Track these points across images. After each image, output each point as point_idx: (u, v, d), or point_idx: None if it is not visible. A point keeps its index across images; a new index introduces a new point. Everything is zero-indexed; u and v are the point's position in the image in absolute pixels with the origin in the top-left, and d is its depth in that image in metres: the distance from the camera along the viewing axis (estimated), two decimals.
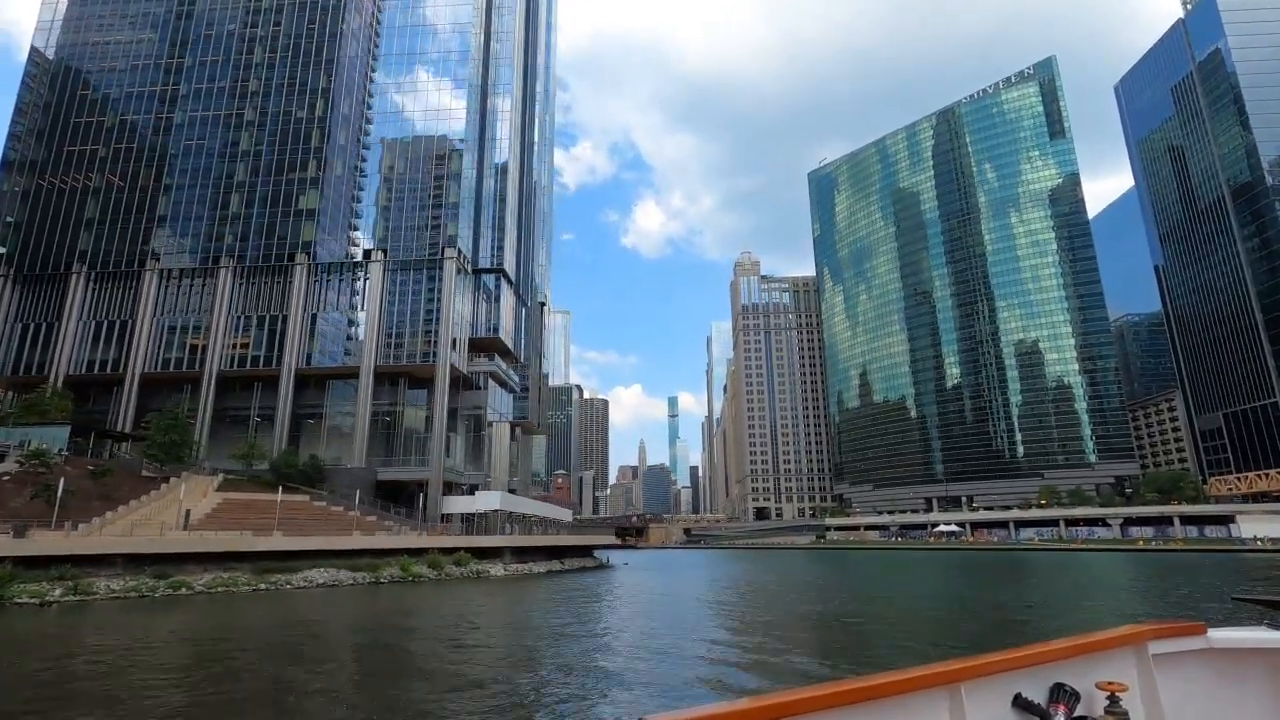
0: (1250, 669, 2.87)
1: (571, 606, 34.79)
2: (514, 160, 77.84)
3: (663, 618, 29.58)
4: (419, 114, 75.22)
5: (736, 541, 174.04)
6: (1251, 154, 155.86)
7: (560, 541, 63.84)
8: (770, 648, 19.98)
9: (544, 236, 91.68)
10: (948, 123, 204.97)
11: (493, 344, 71.84)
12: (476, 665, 17.56)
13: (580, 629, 25.58)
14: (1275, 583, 44.56)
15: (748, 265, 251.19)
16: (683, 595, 41.34)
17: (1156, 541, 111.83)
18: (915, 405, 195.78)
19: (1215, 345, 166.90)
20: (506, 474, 72.50)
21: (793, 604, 35.66)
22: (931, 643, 20.54)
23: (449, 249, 66.62)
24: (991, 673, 2.33)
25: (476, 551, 53.34)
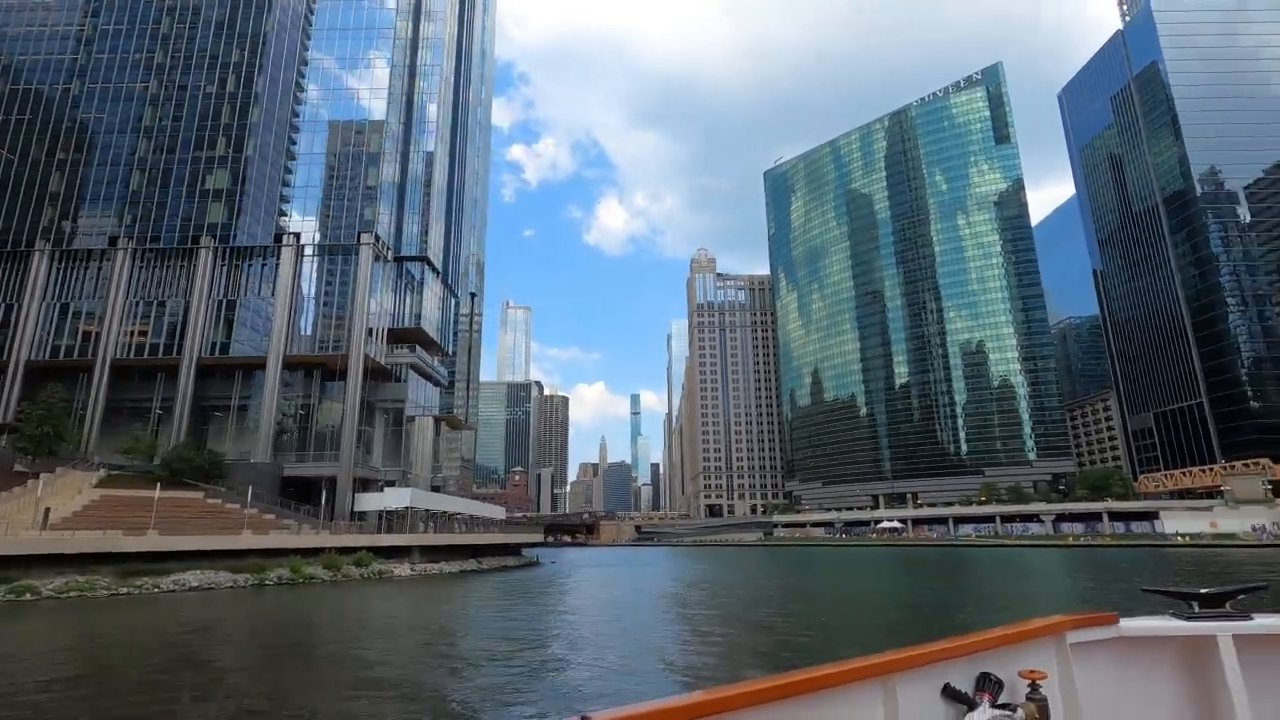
0: (1157, 655, 3.11)
1: (449, 607, 32.93)
2: (443, 145, 75.08)
3: (504, 622, 27.85)
4: (342, 94, 72.00)
5: (685, 539, 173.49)
6: (1183, 164, 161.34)
7: (479, 540, 61.56)
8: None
9: (476, 225, 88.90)
10: (899, 125, 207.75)
11: (415, 335, 69.05)
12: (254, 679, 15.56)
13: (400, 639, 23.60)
14: (1190, 576, 45.57)
15: (704, 263, 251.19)
16: (579, 594, 39.82)
17: (1086, 537, 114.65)
18: (865, 404, 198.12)
19: (1148, 348, 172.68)
20: (429, 470, 69.85)
21: (692, 611, 34.23)
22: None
23: (365, 234, 63.66)
24: (922, 664, 2.42)
25: (381, 550, 50.79)
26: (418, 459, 68.73)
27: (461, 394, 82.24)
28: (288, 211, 69.52)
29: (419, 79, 74.54)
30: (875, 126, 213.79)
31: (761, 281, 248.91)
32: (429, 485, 69.17)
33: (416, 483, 68.05)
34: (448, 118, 78.06)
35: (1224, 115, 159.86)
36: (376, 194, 66.86)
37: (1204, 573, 48.72)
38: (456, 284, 77.75)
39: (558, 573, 61.86)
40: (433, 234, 71.36)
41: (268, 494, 54.46)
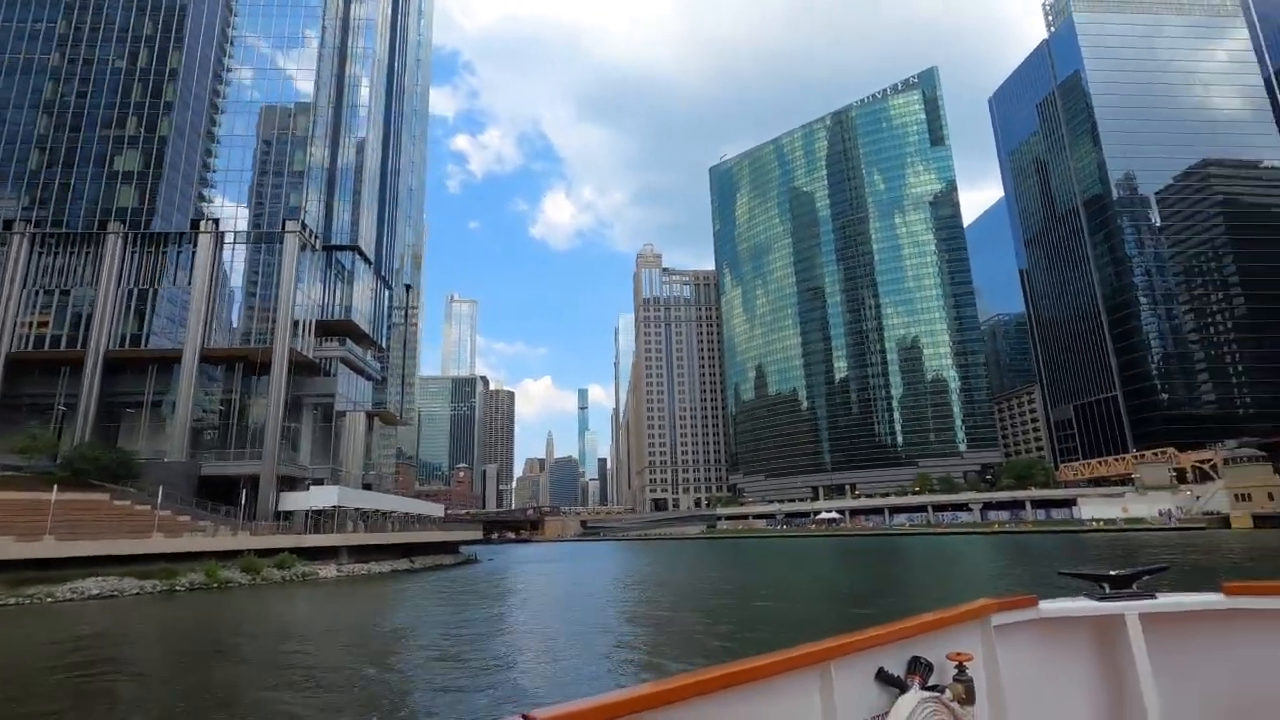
0: (1073, 634, 3.33)
1: (364, 607, 31.76)
2: (375, 131, 72.32)
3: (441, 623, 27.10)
4: (269, 74, 68.52)
5: (630, 533, 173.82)
6: (1102, 170, 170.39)
7: (412, 539, 59.86)
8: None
9: (413, 216, 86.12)
10: (841, 125, 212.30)
11: (345, 327, 66.48)
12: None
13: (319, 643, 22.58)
14: (1102, 559, 47.73)
15: (650, 257, 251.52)
16: (512, 592, 39.14)
17: (1010, 524, 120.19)
18: (806, 397, 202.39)
19: (1069, 343, 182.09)
20: (360, 467, 67.52)
21: (624, 605, 34.00)
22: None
23: (291, 221, 60.79)
24: (857, 650, 2.53)
25: (306, 552, 48.79)
26: (349, 456, 66.33)
27: (396, 389, 79.78)
28: (210, 197, 65.83)
29: (351, 62, 71.62)
30: (817, 126, 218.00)
31: (707, 277, 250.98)
32: (360, 483, 66.86)
33: (347, 480, 65.73)
34: (381, 103, 75.34)
35: (1139, 124, 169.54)
36: (304, 180, 63.91)
37: (1115, 555, 51.57)
38: (391, 275, 75.22)
39: (494, 570, 60.86)
40: (364, 223, 68.75)
41: (183, 495, 51.56)
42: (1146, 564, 3.66)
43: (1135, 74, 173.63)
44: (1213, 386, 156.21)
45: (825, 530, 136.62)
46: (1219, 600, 3.22)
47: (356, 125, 70.62)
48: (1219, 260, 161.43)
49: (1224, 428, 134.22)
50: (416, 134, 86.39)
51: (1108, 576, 3.44)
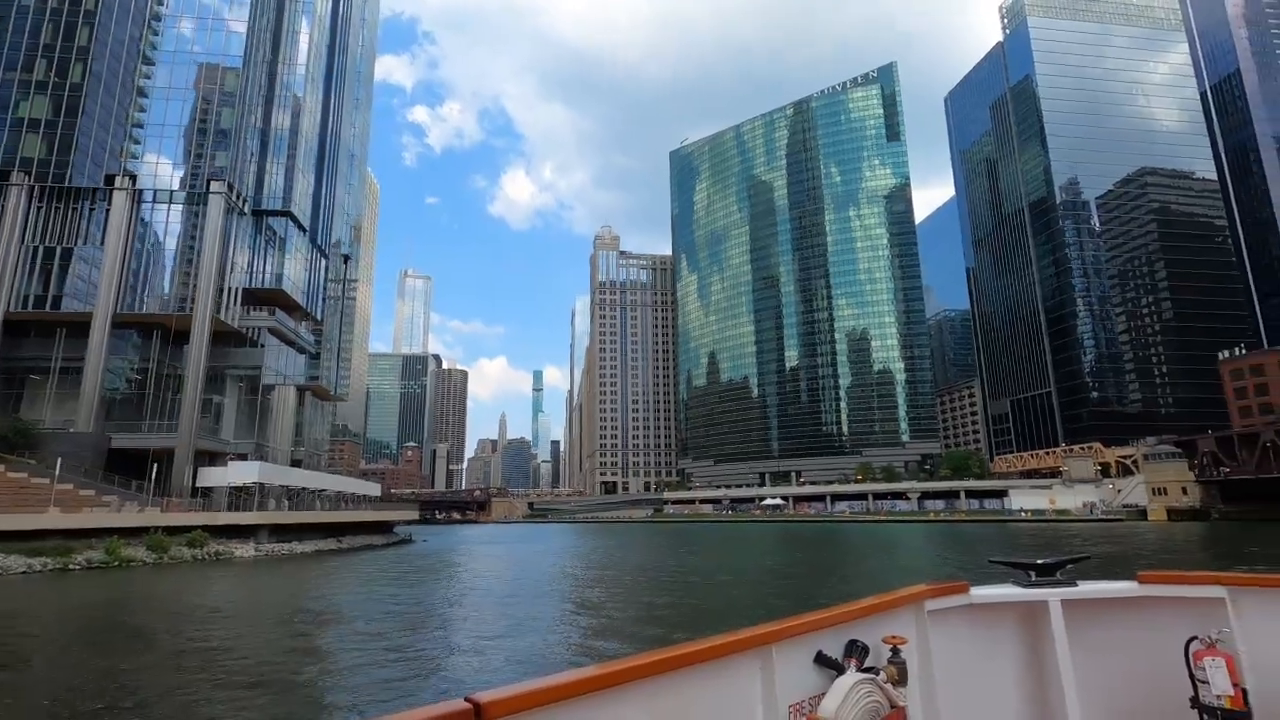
0: (1001, 619, 3.54)
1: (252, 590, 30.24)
2: (314, 92, 68.59)
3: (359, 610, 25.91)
4: (202, 24, 64.25)
5: (577, 515, 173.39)
6: (1047, 174, 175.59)
7: (342, 518, 57.80)
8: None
9: (355, 184, 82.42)
10: (801, 115, 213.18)
11: (276, 296, 63.33)
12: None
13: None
14: (1030, 548, 49.50)
15: (607, 240, 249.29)
16: (446, 573, 38.03)
17: (946, 513, 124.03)
18: (757, 385, 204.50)
19: (1009, 340, 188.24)
20: (289, 443, 64.82)
21: (569, 589, 33.22)
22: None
23: (217, 182, 57.29)
24: (797, 634, 2.62)
25: (221, 530, 46.51)
26: (277, 431, 63.54)
27: (332, 363, 76.78)
28: (137, 153, 61.60)
29: (289, 16, 67.69)
30: (778, 115, 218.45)
31: (664, 262, 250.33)
32: (289, 460, 64.23)
33: (275, 457, 63.05)
34: (322, 63, 71.53)
35: (1085, 131, 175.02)
36: (234, 138, 60.30)
37: (1041, 545, 53.52)
38: (327, 244, 71.95)
39: (429, 552, 59.46)
40: (299, 187, 65.39)
41: (90, 468, 48.53)
42: (1070, 554, 3.95)
43: (1083, 81, 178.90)
44: (1139, 386, 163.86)
45: (769, 516, 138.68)
46: (1133, 588, 3.45)
47: (294, 84, 66.95)
48: (1151, 266, 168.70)
49: (1147, 425, 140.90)
50: (360, 98, 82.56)
51: (1034, 565, 3.59)
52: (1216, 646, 3.03)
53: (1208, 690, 2.96)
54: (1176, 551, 47.87)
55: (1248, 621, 3.19)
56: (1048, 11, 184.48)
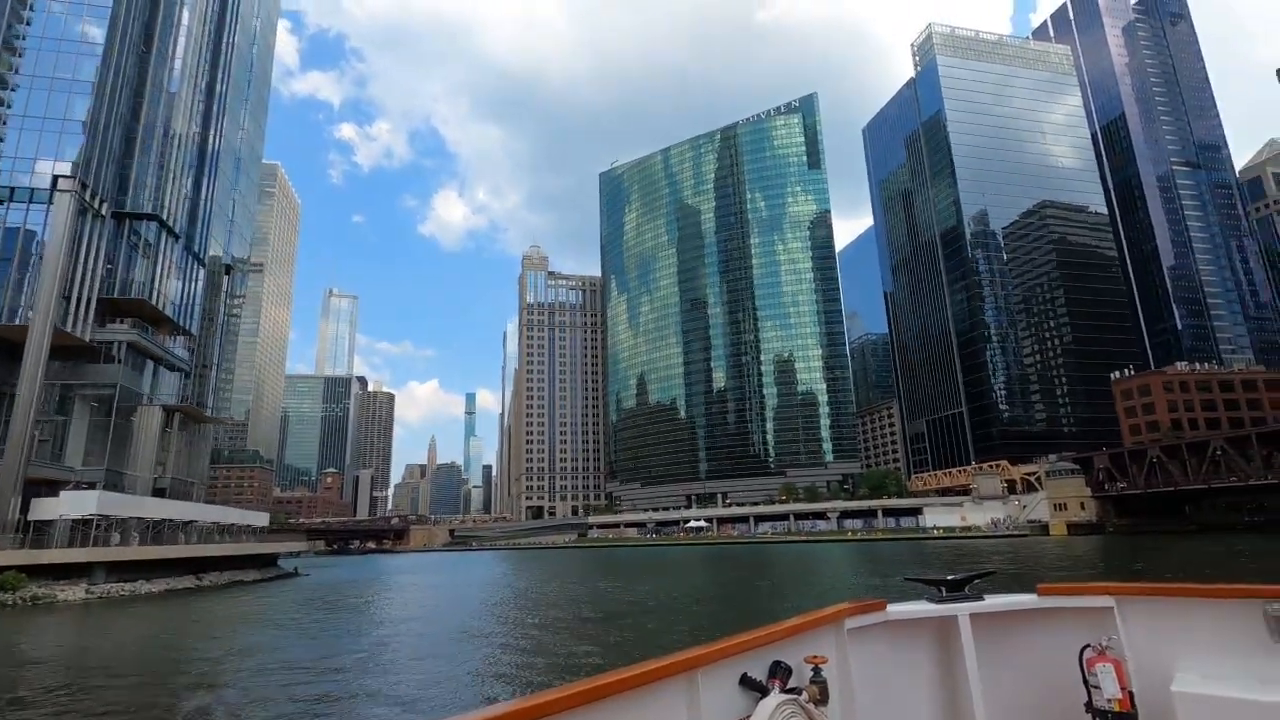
0: (916, 634, 3.66)
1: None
2: (189, 87, 63.41)
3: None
4: (74, 8, 58.67)
5: (499, 542, 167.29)
6: (957, 205, 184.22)
7: (197, 552, 52.07)
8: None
9: (246, 191, 76.79)
10: (727, 142, 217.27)
11: (139, 308, 57.56)
12: None
13: None
14: (942, 565, 50.08)
15: (536, 260, 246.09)
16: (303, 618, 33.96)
17: (863, 532, 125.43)
18: (686, 407, 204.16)
19: (925, 362, 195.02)
20: (150, 469, 58.54)
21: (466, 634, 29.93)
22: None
23: (66, 179, 51.62)
24: (722, 658, 2.62)
25: (45, 570, 40.78)
26: (136, 457, 57.30)
27: (210, 382, 70.40)
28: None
29: (166, 6, 62.78)
30: (705, 140, 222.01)
31: (594, 282, 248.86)
32: (150, 488, 57.97)
33: (133, 485, 56.76)
34: (203, 57, 66.57)
35: (991, 165, 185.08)
36: (91, 132, 54.82)
37: (951, 561, 53.79)
38: (204, 252, 66.26)
39: (312, 586, 54.59)
40: (171, 190, 60.03)
41: None
42: (977, 569, 3.95)
43: (988, 119, 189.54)
44: (1043, 406, 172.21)
45: (692, 539, 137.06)
46: (1033, 600, 3.64)
47: (168, 79, 61.89)
48: (1052, 293, 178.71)
49: (1050, 443, 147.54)
50: (252, 100, 77.40)
51: (944, 581, 3.76)
52: (1106, 653, 3.19)
53: (1099, 695, 3.10)
54: (1074, 564, 48.77)
55: (1132, 628, 3.37)
56: (955, 52, 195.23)
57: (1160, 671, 3.26)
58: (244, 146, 75.13)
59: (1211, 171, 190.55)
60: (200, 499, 72.27)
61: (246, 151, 75.85)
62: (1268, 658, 3.07)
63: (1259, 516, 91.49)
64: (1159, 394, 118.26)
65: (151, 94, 60.47)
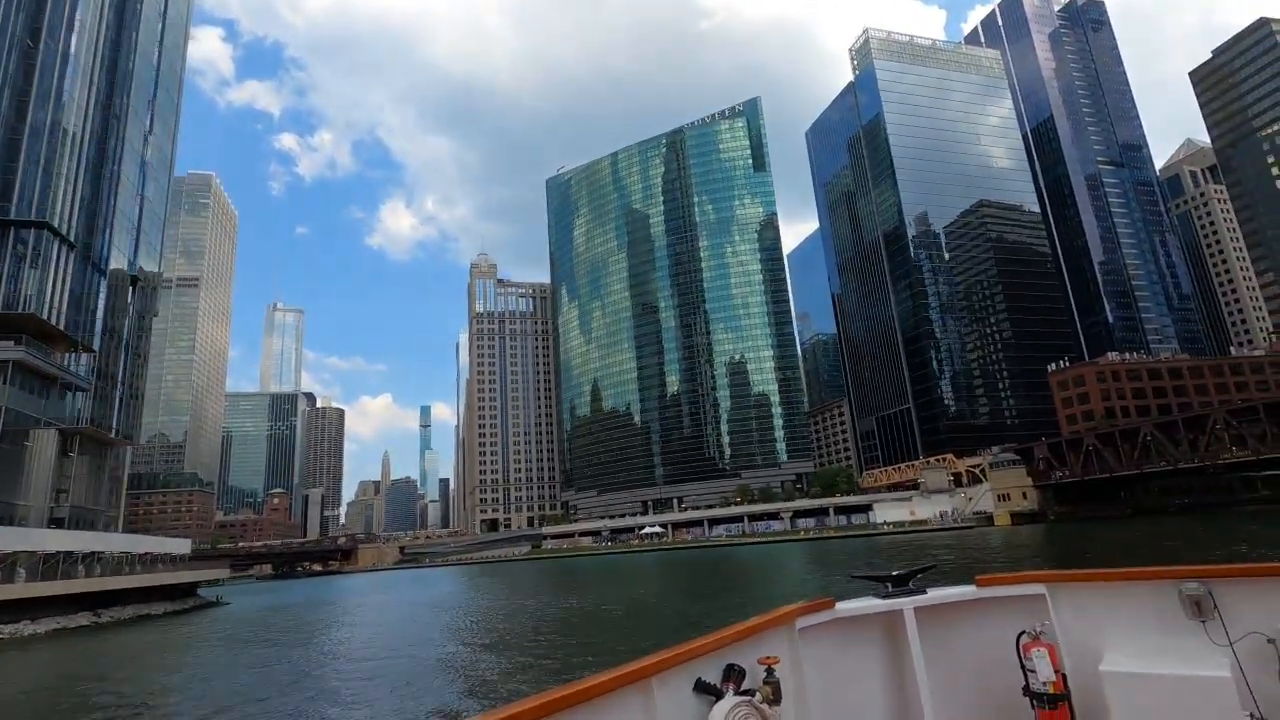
0: (865, 629, 3.76)
1: None
2: (82, 86, 59.07)
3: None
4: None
5: (451, 558, 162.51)
6: (899, 207, 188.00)
7: (97, 586, 47.71)
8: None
9: (154, 198, 71.81)
10: (674, 146, 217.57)
11: (29, 323, 53.09)
12: None
13: None
14: (889, 560, 49.70)
15: (484, 268, 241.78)
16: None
17: (815, 530, 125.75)
18: (640, 413, 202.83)
19: (872, 361, 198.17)
20: (47, 498, 53.82)
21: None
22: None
23: None
24: (677, 664, 2.66)
25: None
26: (29, 486, 52.63)
27: (128, 401, 65.59)
28: None
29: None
30: (652, 144, 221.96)
31: (544, 290, 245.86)
32: (46, 518, 53.29)
33: (27, 516, 52.14)
34: (101, 55, 62.15)
35: (930, 167, 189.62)
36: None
37: (900, 556, 53.50)
38: (106, 262, 61.68)
39: (232, 616, 50.94)
40: (62, 194, 55.65)
41: None
42: (920, 564, 4.14)
43: (926, 120, 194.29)
44: (986, 399, 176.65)
45: (648, 545, 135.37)
46: (973, 591, 3.79)
47: (57, 76, 57.46)
48: (991, 290, 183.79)
49: (994, 435, 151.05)
50: (160, 101, 72.79)
51: (890, 576, 3.87)
52: (1040, 638, 3.33)
53: (1035, 678, 3.26)
54: (1015, 553, 48.93)
55: (1063, 614, 3.55)
56: (891, 57, 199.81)
57: (1090, 653, 3.41)
58: (152, 151, 70.56)
59: (1134, 170, 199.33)
60: (112, 527, 67.38)
61: (155, 156, 71.22)
62: (1184, 634, 3.24)
63: (1187, 499, 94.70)
64: (1093, 384, 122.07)
65: (39, 92, 56.02)
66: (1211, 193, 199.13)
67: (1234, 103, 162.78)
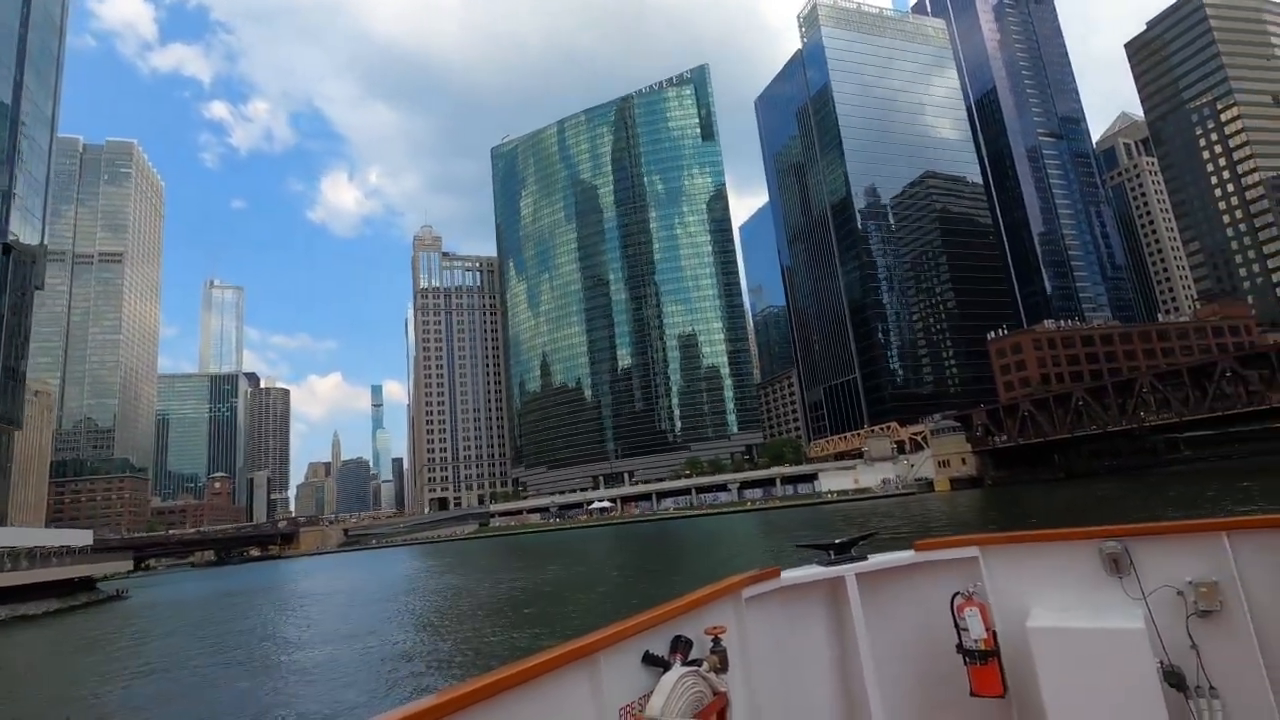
0: (809, 597, 3.87)
1: None
2: None
3: None
4: None
5: (397, 539, 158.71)
6: (847, 179, 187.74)
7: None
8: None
9: (20, 156, 64.36)
10: (622, 114, 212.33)
11: None
12: None
13: None
14: (832, 529, 49.15)
15: (428, 241, 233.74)
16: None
17: (762, 501, 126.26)
18: (591, 388, 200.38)
19: (821, 331, 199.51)
20: None
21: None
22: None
23: None
24: (624, 638, 2.69)
25: None
26: None
27: (5, 384, 59.59)
28: None
29: None
30: (600, 113, 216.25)
31: (491, 263, 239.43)
32: None
33: None
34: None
35: (878, 138, 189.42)
36: None
37: (844, 523, 52.95)
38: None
39: (126, 612, 47.13)
40: None
41: None
42: (862, 532, 4.36)
43: (873, 91, 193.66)
44: (931, 368, 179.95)
45: (596, 520, 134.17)
46: (911, 556, 3.92)
47: None
48: (936, 261, 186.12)
49: (938, 403, 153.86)
50: (34, 52, 64.96)
51: (833, 545, 3.97)
52: (973, 598, 3.54)
53: (968, 636, 3.47)
54: (952, 518, 48.78)
55: (995, 575, 3.73)
56: (839, 24, 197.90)
57: (1018, 610, 3.59)
58: (27, 105, 63.46)
59: (1073, 143, 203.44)
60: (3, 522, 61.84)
61: (31, 111, 64.12)
62: (1103, 590, 3.49)
63: (1116, 461, 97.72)
64: (1029, 351, 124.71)
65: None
66: (1144, 165, 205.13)
67: (1165, 75, 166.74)
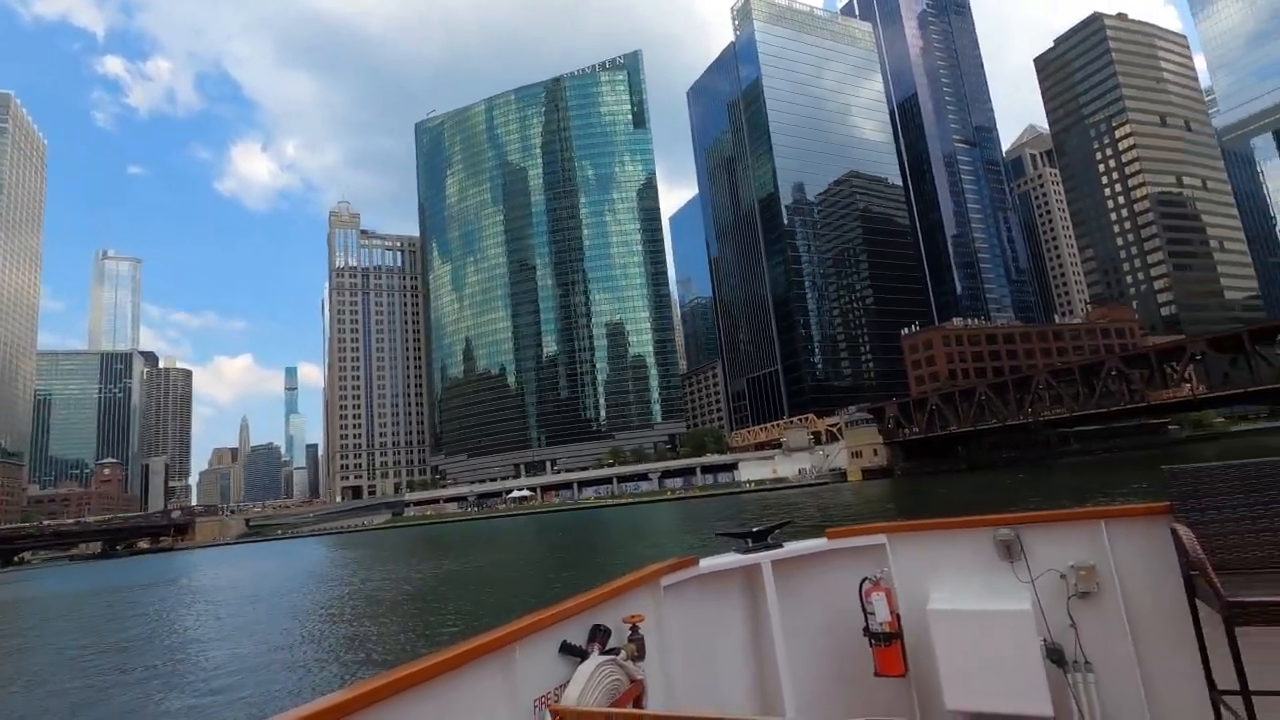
0: (727, 584, 3.95)
1: None
2: None
3: None
4: None
5: (303, 529, 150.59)
6: (775, 174, 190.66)
7: None
8: None
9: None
10: (554, 95, 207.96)
11: None
12: None
13: None
14: (750, 518, 48.48)
15: (345, 217, 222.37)
16: None
17: (683, 490, 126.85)
18: (515, 375, 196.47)
19: (746, 323, 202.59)
20: None
21: None
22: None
23: None
24: (541, 628, 2.66)
25: None
26: None
27: None
28: None
29: None
30: (529, 93, 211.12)
31: (413, 243, 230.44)
32: None
33: None
34: None
35: (805, 135, 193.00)
36: None
37: (761, 513, 52.75)
38: None
39: None
40: None
41: None
42: (778, 520, 4.41)
43: (803, 88, 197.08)
44: (849, 361, 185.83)
45: (515, 509, 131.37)
46: (823, 544, 4.05)
47: None
48: (857, 258, 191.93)
49: (855, 396, 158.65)
50: None
51: (750, 533, 4.06)
52: (880, 583, 3.68)
53: (874, 619, 3.62)
54: (863, 507, 49.46)
55: (900, 560, 3.91)
56: (771, 20, 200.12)
57: (920, 594, 3.81)
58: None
59: (985, 151, 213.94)
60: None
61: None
62: (996, 574, 3.71)
63: (1014, 453, 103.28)
64: (939, 347, 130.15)
65: None
66: (1048, 175, 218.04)
67: (1068, 91, 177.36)
